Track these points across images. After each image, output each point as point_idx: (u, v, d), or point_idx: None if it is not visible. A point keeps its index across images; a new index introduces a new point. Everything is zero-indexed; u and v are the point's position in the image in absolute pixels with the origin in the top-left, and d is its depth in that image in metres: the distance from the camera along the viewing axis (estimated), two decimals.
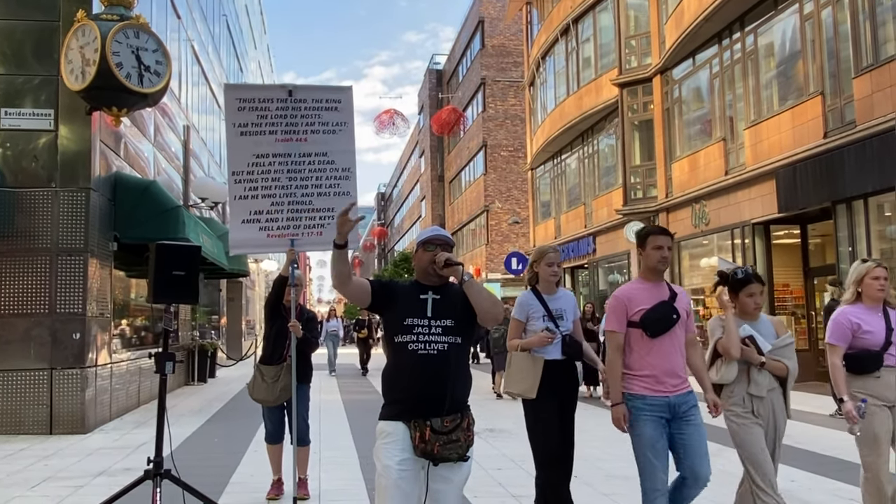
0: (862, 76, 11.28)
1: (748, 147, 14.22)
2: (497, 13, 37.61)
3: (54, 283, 8.61)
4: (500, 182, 37.01)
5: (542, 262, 4.53)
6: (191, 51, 15.78)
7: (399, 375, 3.02)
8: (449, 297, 3.09)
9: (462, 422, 2.96)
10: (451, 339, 3.02)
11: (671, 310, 3.76)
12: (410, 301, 3.07)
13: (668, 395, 3.71)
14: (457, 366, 3.01)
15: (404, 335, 3.00)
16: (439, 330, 3.01)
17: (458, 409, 2.99)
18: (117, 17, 7.84)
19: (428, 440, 2.87)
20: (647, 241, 3.83)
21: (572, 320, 4.52)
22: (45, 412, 8.47)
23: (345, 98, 5.20)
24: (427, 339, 2.99)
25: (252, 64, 31.28)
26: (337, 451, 7.50)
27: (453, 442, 2.90)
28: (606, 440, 7.86)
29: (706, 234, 16.04)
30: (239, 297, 24.53)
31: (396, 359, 3.05)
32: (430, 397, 2.92)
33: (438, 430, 2.89)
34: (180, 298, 4.64)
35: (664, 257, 3.78)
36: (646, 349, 3.74)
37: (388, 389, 3.09)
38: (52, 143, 8.80)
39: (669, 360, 3.75)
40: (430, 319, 3.02)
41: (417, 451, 2.89)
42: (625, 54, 19.26)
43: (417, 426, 2.90)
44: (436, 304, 3.05)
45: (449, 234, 3.31)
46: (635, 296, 3.80)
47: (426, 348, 2.97)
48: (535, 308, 4.47)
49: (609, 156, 21.53)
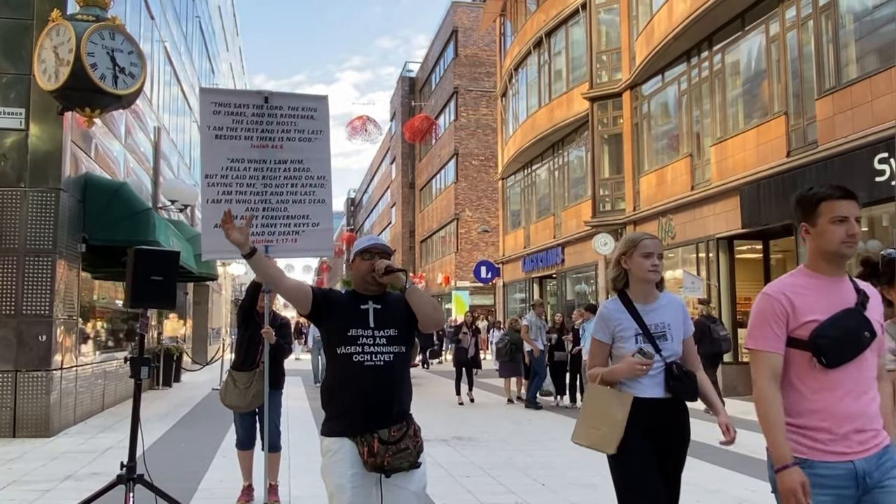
0: (824, 98, 11.63)
1: (714, 163, 14.55)
2: (471, 24, 37.88)
3: (21, 284, 8.49)
4: (470, 191, 37.20)
5: (636, 254, 3.12)
6: (163, 51, 15.66)
7: (343, 388, 2.95)
8: (389, 305, 3.05)
9: (408, 429, 2.92)
10: (396, 349, 2.98)
11: (862, 322, 2.38)
12: (351, 311, 3.01)
13: (853, 458, 2.33)
14: (401, 375, 3.00)
15: (348, 346, 2.94)
16: (384, 340, 2.96)
17: (402, 417, 2.95)
18: (93, 18, 7.80)
19: (377, 452, 2.82)
20: (818, 210, 2.42)
21: (681, 339, 3.17)
22: (9, 415, 8.34)
23: (321, 107, 5.27)
24: (372, 350, 2.93)
25: (224, 65, 31.07)
26: (306, 457, 7.51)
27: (402, 451, 2.86)
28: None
29: (672, 247, 16.35)
30: (205, 300, 24.28)
31: (340, 371, 2.97)
32: (377, 409, 2.88)
33: (386, 441, 2.84)
34: (158, 303, 4.65)
35: (852, 236, 2.39)
36: (816, 384, 2.37)
37: (331, 403, 3.00)
38: (22, 142, 8.69)
39: (855, 403, 2.36)
40: (373, 330, 2.97)
41: (368, 466, 2.83)
42: (596, 69, 19.56)
43: (365, 440, 2.84)
44: (377, 314, 3.01)
45: (386, 242, 3.28)
46: (803, 297, 2.41)
47: (373, 359, 2.92)
48: (623, 323, 3.11)
49: (578, 168, 21.82)
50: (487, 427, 9.91)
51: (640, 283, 3.14)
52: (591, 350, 3.28)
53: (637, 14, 18.00)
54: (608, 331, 3.14)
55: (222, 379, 5.78)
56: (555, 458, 7.61)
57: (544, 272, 24.05)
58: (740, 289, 14.70)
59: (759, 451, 7.74)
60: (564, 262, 22.17)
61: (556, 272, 23.13)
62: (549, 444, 8.49)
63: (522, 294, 26.46)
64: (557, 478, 6.67)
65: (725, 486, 6.38)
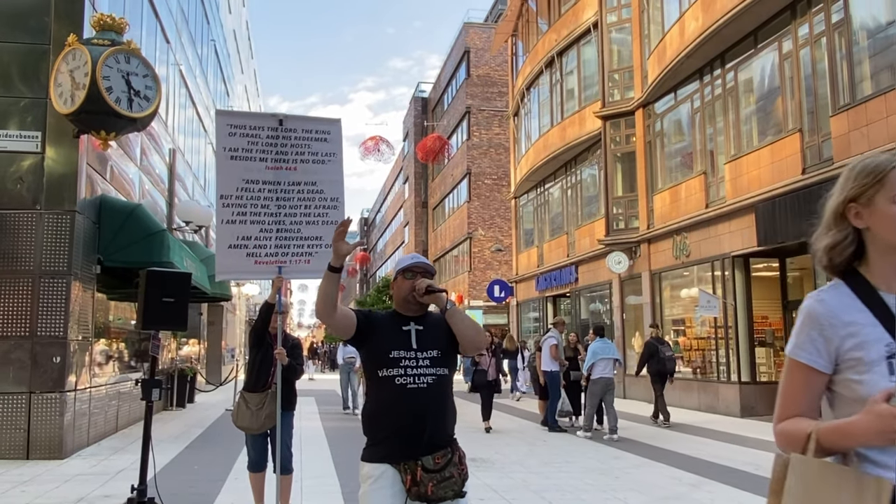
0: (839, 115, 11.56)
1: (728, 181, 14.46)
2: (483, 44, 38.09)
3: (36, 305, 8.53)
4: (483, 210, 37.20)
5: (883, 196, 1.65)
6: (178, 74, 15.84)
7: (385, 413, 2.83)
8: (431, 326, 2.95)
9: (453, 456, 2.80)
10: (439, 371, 2.86)
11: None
12: (393, 332, 2.90)
13: None
14: (445, 398, 2.88)
15: (390, 369, 2.82)
16: (427, 362, 2.85)
17: (447, 443, 2.83)
18: (108, 42, 7.89)
19: (420, 481, 2.70)
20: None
21: None
22: (23, 436, 8.35)
23: (334, 130, 5.28)
24: (415, 373, 2.81)
25: (238, 87, 31.39)
26: (318, 479, 7.45)
27: (447, 479, 2.73)
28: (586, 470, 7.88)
29: (687, 265, 16.22)
30: (219, 321, 24.34)
31: (382, 395, 2.85)
32: (420, 434, 2.75)
33: (430, 469, 2.72)
34: (170, 325, 4.64)
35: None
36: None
37: (372, 428, 2.87)
38: (38, 165, 8.78)
39: None
40: (415, 351, 2.86)
41: (411, 495, 2.70)
42: (608, 87, 19.58)
43: (408, 467, 2.72)
44: (420, 335, 2.90)
45: (429, 261, 3.20)
46: None
47: (415, 382, 2.80)
48: (861, 331, 1.62)
49: (592, 186, 21.77)
50: (502, 449, 9.81)
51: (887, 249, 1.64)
52: (786, 385, 1.71)
53: (649, 33, 18.03)
54: (826, 346, 1.65)
55: (236, 400, 5.74)
56: (570, 481, 7.51)
57: (558, 291, 23.94)
58: (757, 307, 14.55)
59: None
60: (578, 280, 22.05)
61: (569, 291, 23.01)
62: (564, 467, 8.38)
63: (536, 313, 26.33)
64: (573, 501, 6.57)
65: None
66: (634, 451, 9.58)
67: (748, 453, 9.31)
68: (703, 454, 9.25)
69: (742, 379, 14.12)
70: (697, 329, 16.12)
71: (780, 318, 14.58)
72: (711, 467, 8.29)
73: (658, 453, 9.33)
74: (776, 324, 14.65)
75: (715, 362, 15.00)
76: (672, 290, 17.53)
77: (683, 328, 16.85)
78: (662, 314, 17.58)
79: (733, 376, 14.25)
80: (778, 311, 14.61)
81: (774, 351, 14.57)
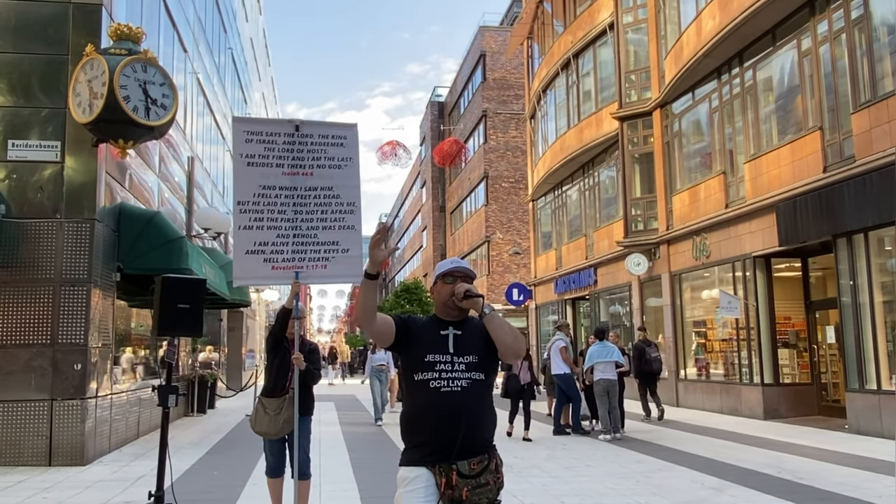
0: (860, 112, 11.39)
1: (748, 180, 14.31)
2: (498, 47, 38.07)
3: (57, 313, 8.61)
4: (501, 213, 37.14)
5: None
6: (196, 83, 15.96)
7: (420, 416, 2.83)
8: (470, 331, 2.93)
9: (490, 463, 2.78)
10: (475, 376, 2.85)
11: None
12: (431, 337, 2.91)
13: None
14: (481, 403, 2.85)
15: (425, 372, 2.83)
16: (463, 366, 2.84)
17: (484, 449, 2.80)
18: (125, 52, 7.98)
19: (455, 485, 2.69)
20: None
21: None
22: (45, 443, 8.43)
23: (350, 135, 5.28)
24: (450, 377, 2.81)
25: (256, 94, 31.61)
26: (337, 484, 7.44)
27: (482, 486, 2.72)
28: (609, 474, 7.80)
29: (707, 266, 16.06)
30: (239, 326, 24.48)
31: (417, 398, 2.87)
32: (454, 437, 2.73)
33: (466, 475, 2.71)
34: (185, 331, 4.65)
35: None
36: None
37: (408, 432, 2.89)
38: (58, 174, 8.87)
39: None
40: (452, 356, 2.85)
41: (445, 499, 2.70)
42: (625, 88, 19.46)
43: (443, 471, 2.72)
44: (457, 340, 2.89)
45: (469, 265, 3.17)
46: None
47: (449, 385, 2.80)
48: None
49: (610, 188, 21.64)
50: (521, 452, 9.75)
51: None
52: None
53: (665, 33, 17.91)
54: None
55: (255, 405, 5.78)
56: (590, 485, 7.44)
57: (577, 293, 23.81)
58: (779, 308, 14.37)
59: (806, 477, 7.50)
60: (597, 283, 21.92)
61: (588, 293, 22.88)
62: (584, 471, 8.31)
63: (555, 316, 26.20)
64: None
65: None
66: (656, 454, 9.48)
67: (771, 456, 9.17)
68: (725, 457, 9.13)
69: (765, 381, 13.94)
70: (719, 331, 15.94)
71: (802, 318, 14.39)
72: (734, 471, 8.17)
73: (680, 457, 9.23)
74: (799, 324, 14.46)
75: (737, 364, 14.82)
76: (692, 292, 17.36)
77: (705, 330, 16.68)
78: (683, 316, 17.41)
79: (756, 378, 14.08)
80: (801, 311, 14.41)
81: (798, 352, 14.37)
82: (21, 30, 9.09)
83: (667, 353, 17.70)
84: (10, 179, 8.82)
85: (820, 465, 8.48)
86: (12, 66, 9.06)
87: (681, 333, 17.37)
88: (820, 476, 7.78)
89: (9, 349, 8.52)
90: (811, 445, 9.98)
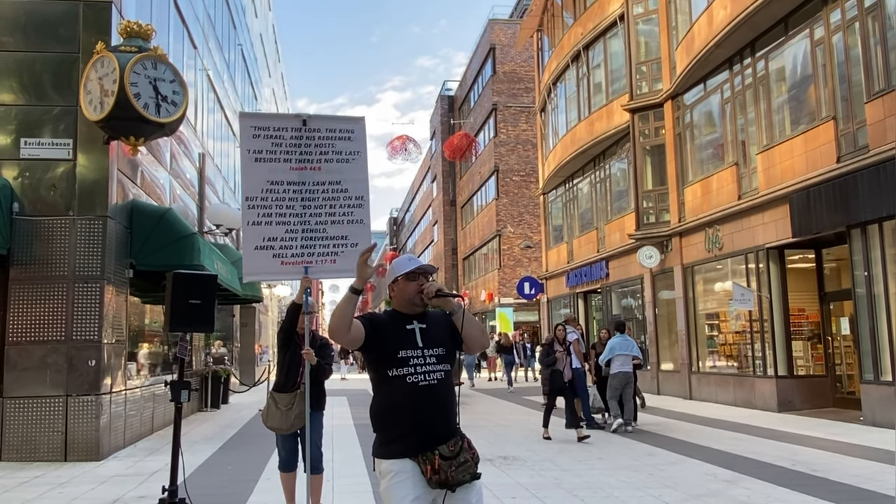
0: (874, 101, 11.27)
1: (761, 171, 14.20)
2: (508, 40, 37.94)
3: (71, 310, 8.68)
4: (511, 207, 37.08)
5: None
6: (206, 79, 16.01)
7: (398, 410, 2.97)
8: (434, 324, 3.10)
9: (463, 442, 2.99)
10: (445, 367, 3.04)
11: None
12: (397, 332, 3.04)
13: None
14: (451, 391, 3.05)
15: (400, 368, 2.97)
16: (433, 359, 3.01)
17: (456, 432, 3.01)
18: (136, 49, 8.00)
19: (440, 469, 2.87)
20: None
21: None
22: (60, 439, 8.51)
23: (358, 128, 5.25)
24: (425, 370, 2.97)
25: (266, 90, 31.66)
26: (349, 479, 7.47)
27: (463, 464, 2.91)
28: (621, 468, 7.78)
29: (720, 258, 15.97)
30: (252, 322, 24.59)
31: (393, 393, 2.98)
32: (435, 427, 2.94)
33: (447, 456, 2.89)
34: (197, 327, 4.67)
35: None
36: None
37: (385, 426, 3.01)
38: (70, 172, 8.93)
39: None
40: (422, 349, 3.01)
41: (433, 483, 2.87)
42: (635, 80, 19.34)
43: (426, 458, 2.89)
44: (424, 333, 3.05)
45: (427, 261, 3.36)
46: None
47: (426, 379, 2.96)
48: None
49: (621, 180, 21.55)
50: (533, 446, 9.75)
51: None
52: None
53: (676, 24, 17.77)
54: None
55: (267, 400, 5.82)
56: (602, 478, 7.43)
57: (589, 287, 23.75)
58: (793, 300, 14.27)
59: (820, 469, 7.45)
60: (609, 276, 21.85)
61: (600, 286, 22.82)
62: (596, 464, 8.30)
63: (567, 310, 26.14)
64: (605, 499, 6.49)
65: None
66: (668, 447, 9.45)
67: (785, 448, 9.13)
68: (739, 450, 9.09)
69: (779, 373, 13.86)
70: (732, 323, 15.86)
71: (816, 310, 14.28)
72: (748, 463, 8.14)
73: (693, 449, 9.19)
74: (813, 316, 14.35)
75: (751, 356, 14.74)
76: (705, 284, 17.27)
77: (718, 322, 16.60)
78: (696, 308, 17.33)
79: (769, 370, 14.00)
80: (815, 303, 14.31)
81: (812, 344, 14.28)
82: (32, 28, 9.15)
83: (679, 346, 17.63)
84: (23, 177, 8.89)
85: (834, 458, 8.42)
86: (24, 65, 9.12)
87: (693, 326, 17.29)
88: (834, 468, 7.73)
89: (24, 346, 8.60)
90: (825, 438, 9.92)
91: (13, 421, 8.48)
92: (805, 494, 6.48)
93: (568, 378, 10.81)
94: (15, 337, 8.60)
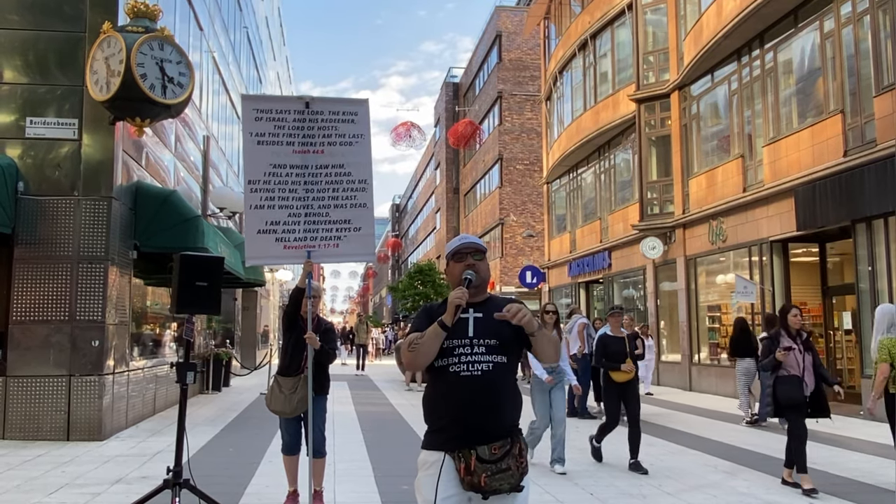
0: (883, 95, 11.21)
1: (766, 164, 14.16)
2: (514, 28, 37.74)
3: (74, 290, 8.69)
4: (515, 195, 37.01)
5: None
6: (211, 61, 15.95)
7: (441, 401, 2.78)
8: (492, 313, 2.79)
9: (512, 448, 2.68)
10: (496, 359, 2.75)
11: None
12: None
13: None
14: (503, 386, 2.75)
15: (445, 358, 2.76)
16: (482, 349, 2.75)
17: (506, 433, 2.71)
18: (142, 29, 7.96)
19: (474, 471, 2.62)
20: None
21: None
22: (63, 419, 8.54)
23: (361, 111, 5.20)
24: (469, 360, 2.73)
25: (271, 73, 31.55)
26: (351, 463, 7.50)
27: (503, 471, 2.63)
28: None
29: (723, 250, 15.95)
30: (254, 306, 24.63)
31: (437, 383, 2.81)
32: (476, 423, 2.68)
33: (486, 459, 2.63)
34: (203, 309, 4.67)
35: None
36: None
37: (429, 415, 2.84)
38: (75, 152, 8.91)
39: None
40: (471, 339, 2.76)
41: (464, 485, 2.64)
42: (642, 70, 19.26)
43: (462, 456, 2.65)
44: (477, 323, 2.80)
45: (478, 238, 3.07)
46: None
47: (469, 370, 2.72)
48: None
49: (625, 171, 21.50)
50: None
51: None
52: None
53: (685, 13, 17.67)
54: None
55: (269, 384, 5.82)
56: (603, 468, 7.46)
57: (591, 277, 23.75)
58: (796, 293, 14.26)
59: (820, 463, 7.46)
60: (612, 266, 21.85)
61: (602, 277, 22.82)
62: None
63: (569, 299, 26.18)
64: (606, 487, 6.52)
65: (781, 498, 6.14)
66: (668, 438, 9.48)
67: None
68: (738, 441, 9.11)
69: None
70: (734, 315, 15.86)
71: (819, 304, 14.28)
72: (748, 455, 8.16)
73: (693, 440, 9.22)
74: (816, 310, 14.35)
75: None
76: (707, 276, 17.27)
77: (719, 314, 16.60)
78: (698, 300, 17.33)
79: None
80: (818, 297, 14.31)
81: (813, 338, 14.27)
82: (38, 7, 9.10)
83: (680, 338, 17.65)
84: (28, 157, 8.87)
85: (834, 452, 8.44)
86: (29, 44, 9.07)
87: (695, 318, 17.30)
88: (834, 462, 7.75)
89: (28, 325, 8.61)
90: (825, 431, 9.93)
91: (16, 400, 8.51)
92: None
93: None
94: (19, 316, 8.62)
